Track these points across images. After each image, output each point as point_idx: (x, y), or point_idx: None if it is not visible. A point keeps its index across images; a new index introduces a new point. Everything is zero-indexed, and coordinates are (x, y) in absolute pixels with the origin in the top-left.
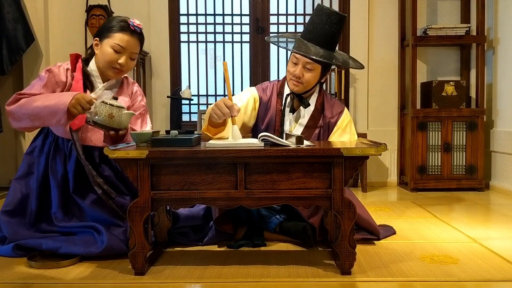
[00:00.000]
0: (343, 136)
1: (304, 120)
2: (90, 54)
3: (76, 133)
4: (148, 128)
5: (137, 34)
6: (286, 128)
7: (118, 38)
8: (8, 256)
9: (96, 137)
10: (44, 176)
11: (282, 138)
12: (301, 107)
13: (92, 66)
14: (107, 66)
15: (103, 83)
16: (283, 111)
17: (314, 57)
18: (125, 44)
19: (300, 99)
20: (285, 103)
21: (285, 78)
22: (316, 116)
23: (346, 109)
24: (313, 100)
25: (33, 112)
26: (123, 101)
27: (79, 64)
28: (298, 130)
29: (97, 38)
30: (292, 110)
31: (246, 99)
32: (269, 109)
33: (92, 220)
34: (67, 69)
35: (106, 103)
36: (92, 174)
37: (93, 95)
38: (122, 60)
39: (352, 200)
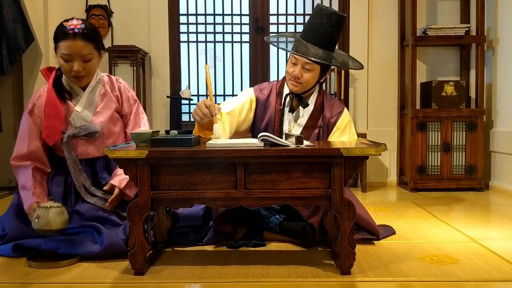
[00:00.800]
0: (343, 136)
1: (303, 119)
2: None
3: (68, 153)
4: (143, 118)
5: (80, 35)
6: (285, 128)
7: (62, 47)
8: (7, 256)
9: (91, 149)
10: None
11: (281, 138)
12: (300, 107)
13: (63, 79)
14: (68, 77)
15: (81, 91)
16: (282, 111)
17: (312, 58)
18: (69, 51)
19: (299, 99)
20: (284, 103)
21: (284, 78)
22: (315, 116)
23: (346, 109)
24: (312, 100)
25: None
26: (108, 108)
27: (52, 76)
28: (297, 130)
29: (55, 50)
30: (292, 110)
31: (243, 100)
32: (267, 109)
33: (91, 219)
34: (40, 94)
35: (42, 207)
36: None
37: (77, 108)
38: (75, 67)
39: (351, 200)
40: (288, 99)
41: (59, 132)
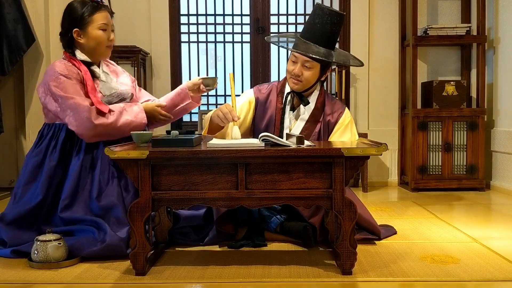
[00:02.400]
0: (344, 135)
1: (305, 116)
2: (70, 47)
3: None
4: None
5: (107, 7)
6: (286, 125)
7: (99, 18)
8: (7, 257)
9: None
10: (56, 171)
11: (282, 136)
12: (301, 105)
13: (80, 55)
14: (101, 48)
15: (97, 66)
16: (283, 109)
17: (311, 55)
18: (106, 21)
19: (300, 98)
20: (285, 102)
21: (286, 78)
22: (316, 114)
23: (347, 109)
24: (313, 99)
25: (119, 129)
26: (125, 79)
27: (75, 59)
28: (299, 126)
29: (77, 29)
30: (292, 109)
31: (241, 103)
32: (268, 108)
33: (98, 214)
34: (69, 65)
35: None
36: None
37: (102, 78)
38: (111, 35)
39: (352, 200)
40: (289, 97)
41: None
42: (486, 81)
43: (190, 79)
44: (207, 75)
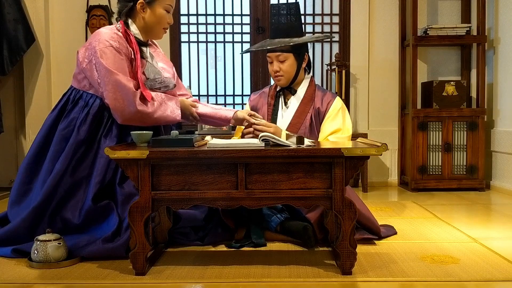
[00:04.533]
0: (335, 121)
1: (294, 106)
2: (126, 16)
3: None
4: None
5: None
6: (279, 116)
7: None
8: (7, 257)
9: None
10: (81, 146)
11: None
12: (291, 98)
13: (134, 30)
14: (158, 28)
15: (145, 46)
16: (275, 104)
17: (269, 47)
18: (173, 3)
19: (290, 91)
20: (276, 98)
21: None
22: (305, 103)
23: (338, 97)
24: (302, 90)
25: (158, 122)
26: (167, 66)
27: (130, 33)
28: (288, 117)
29: (142, 1)
30: (285, 103)
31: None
32: (261, 108)
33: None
34: (121, 38)
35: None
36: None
37: (149, 60)
38: (171, 19)
39: (352, 197)
40: (280, 94)
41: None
42: (486, 81)
43: (190, 79)
44: (208, 75)
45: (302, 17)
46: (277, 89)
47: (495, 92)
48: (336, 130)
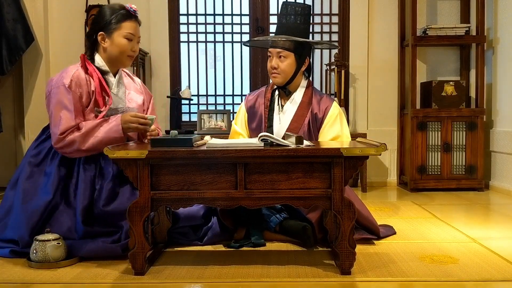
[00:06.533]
0: (333, 127)
1: (292, 111)
2: (91, 49)
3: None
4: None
5: (137, 18)
6: (276, 121)
7: (128, 27)
8: (6, 257)
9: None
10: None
11: (273, 133)
12: (287, 102)
13: (99, 61)
14: (122, 57)
15: (112, 76)
16: (270, 106)
17: (272, 39)
18: (134, 31)
19: (284, 92)
20: (272, 99)
21: None
22: (303, 108)
23: (335, 103)
24: (300, 94)
25: (87, 150)
26: (136, 97)
27: (90, 64)
28: (286, 121)
29: (102, 33)
30: (281, 107)
31: (240, 119)
32: (257, 109)
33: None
34: (80, 74)
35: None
36: None
37: (113, 90)
38: (135, 47)
39: (351, 197)
40: (276, 94)
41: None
42: (485, 81)
43: (189, 79)
44: (207, 75)
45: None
46: (273, 88)
47: (494, 92)
48: (335, 137)
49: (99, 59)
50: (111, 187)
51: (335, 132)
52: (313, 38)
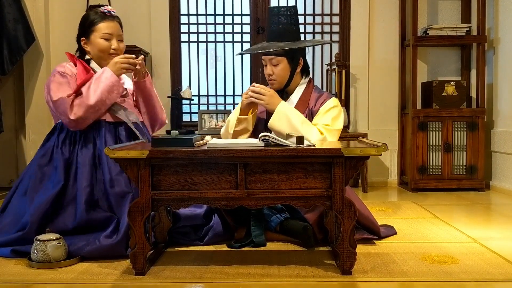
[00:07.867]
0: (324, 117)
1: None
2: (82, 53)
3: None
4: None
5: (116, 17)
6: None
7: (103, 27)
8: (7, 257)
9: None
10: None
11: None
12: (286, 102)
13: (92, 65)
14: (104, 56)
15: None
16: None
17: (260, 51)
18: (110, 31)
19: (282, 95)
20: None
21: None
22: (300, 106)
23: (333, 98)
24: (297, 94)
25: (96, 103)
26: (129, 83)
27: (81, 62)
28: None
29: (83, 38)
30: None
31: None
32: (259, 107)
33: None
34: (73, 68)
35: (40, 240)
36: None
37: None
38: (114, 45)
39: (351, 197)
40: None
41: None
42: (486, 81)
43: (190, 79)
44: (207, 75)
45: (302, 17)
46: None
47: (495, 92)
48: (325, 125)
49: (93, 63)
50: (110, 174)
51: (324, 122)
52: (313, 38)
